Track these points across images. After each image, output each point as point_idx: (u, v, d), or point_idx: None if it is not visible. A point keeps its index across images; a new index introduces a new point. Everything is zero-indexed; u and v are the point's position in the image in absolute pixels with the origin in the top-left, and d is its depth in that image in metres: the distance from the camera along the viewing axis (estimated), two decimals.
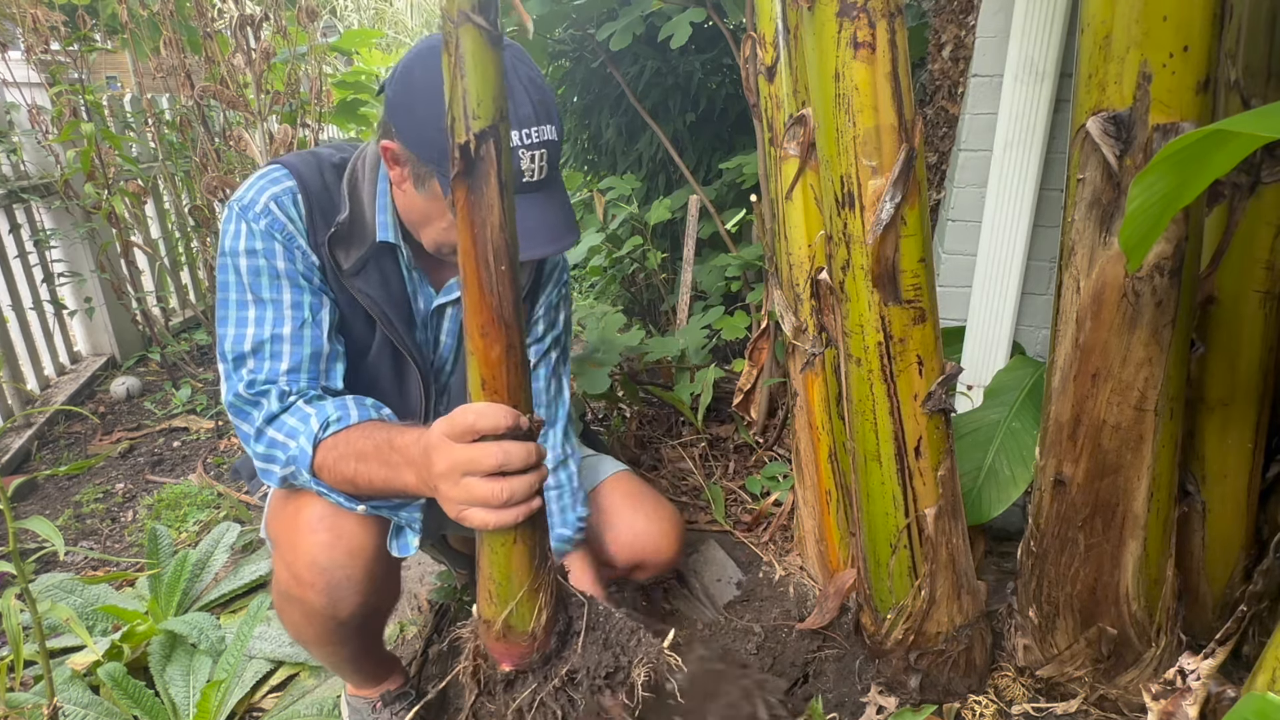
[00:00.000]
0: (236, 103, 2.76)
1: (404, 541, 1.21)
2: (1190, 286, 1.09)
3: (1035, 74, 1.70)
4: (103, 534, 2.29)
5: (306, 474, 1.10)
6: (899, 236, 1.11)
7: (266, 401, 1.13)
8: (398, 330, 1.25)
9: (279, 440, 1.12)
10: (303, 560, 1.15)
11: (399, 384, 1.31)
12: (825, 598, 1.63)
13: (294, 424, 1.11)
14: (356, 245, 1.20)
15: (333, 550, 1.15)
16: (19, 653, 1.12)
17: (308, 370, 1.16)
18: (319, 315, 1.18)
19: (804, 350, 1.59)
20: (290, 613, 1.22)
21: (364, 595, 1.18)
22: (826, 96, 1.09)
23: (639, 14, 2.66)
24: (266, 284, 1.15)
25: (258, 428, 1.13)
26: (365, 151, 1.25)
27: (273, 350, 1.14)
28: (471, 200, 0.75)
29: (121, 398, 3.18)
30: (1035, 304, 1.93)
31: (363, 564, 1.17)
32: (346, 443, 1.08)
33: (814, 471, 1.69)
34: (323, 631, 1.22)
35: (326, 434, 1.10)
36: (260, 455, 1.14)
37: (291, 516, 1.18)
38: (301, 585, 1.16)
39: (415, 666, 1.62)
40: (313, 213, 1.18)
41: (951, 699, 1.40)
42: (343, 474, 1.08)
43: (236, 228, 1.15)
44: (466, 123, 0.72)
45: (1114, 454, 1.17)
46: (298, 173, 1.18)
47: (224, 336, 1.16)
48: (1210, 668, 1.20)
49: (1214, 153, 0.73)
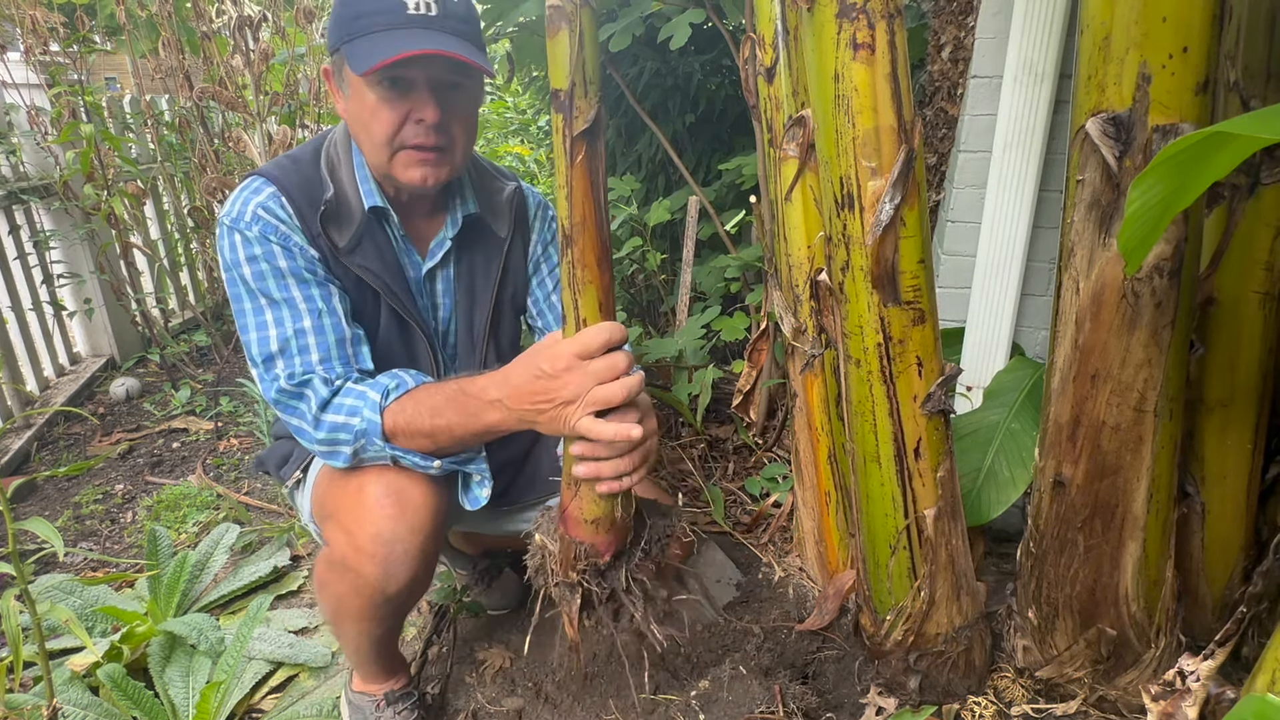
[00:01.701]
0: (235, 104, 2.76)
1: (474, 495, 1.27)
2: (1190, 287, 1.09)
3: (1034, 75, 1.70)
4: (102, 535, 2.28)
5: (380, 441, 1.14)
6: (898, 237, 1.11)
7: (312, 391, 1.17)
8: (400, 299, 1.28)
9: (340, 422, 1.15)
10: (367, 531, 1.17)
11: (409, 355, 1.33)
12: (825, 599, 1.63)
13: (352, 403, 1.16)
14: (348, 221, 1.23)
15: (397, 523, 1.17)
16: (18, 654, 1.12)
17: (338, 357, 1.19)
18: (332, 304, 1.20)
19: (803, 351, 1.59)
20: (338, 585, 1.23)
21: (414, 571, 1.20)
22: (826, 98, 1.09)
23: (638, 15, 2.66)
24: (274, 285, 1.18)
25: (314, 416, 1.16)
26: (335, 131, 1.29)
27: (299, 345, 1.17)
28: (590, 151, 0.97)
29: (121, 399, 3.18)
30: (1034, 305, 1.93)
31: (421, 540, 1.19)
32: (415, 402, 1.14)
33: (813, 472, 1.69)
34: (368, 605, 1.23)
35: (390, 400, 1.14)
36: (323, 441, 1.17)
37: (355, 491, 1.20)
38: (361, 555, 1.17)
39: (415, 667, 1.62)
40: (300, 208, 1.20)
41: (951, 700, 1.40)
42: (420, 430, 1.13)
43: (231, 241, 1.18)
44: (586, 88, 0.95)
45: (1113, 455, 1.17)
46: (273, 177, 1.21)
47: (249, 343, 1.19)
48: (1210, 669, 1.20)
49: (1214, 155, 0.73)
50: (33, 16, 2.94)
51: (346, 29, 1.13)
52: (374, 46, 1.09)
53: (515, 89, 5.46)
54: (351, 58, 1.11)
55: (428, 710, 1.51)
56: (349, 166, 1.25)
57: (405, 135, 1.16)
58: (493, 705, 1.54)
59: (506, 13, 2.65)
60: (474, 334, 1.38)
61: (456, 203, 1.33)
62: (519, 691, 1.58)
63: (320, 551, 1.28)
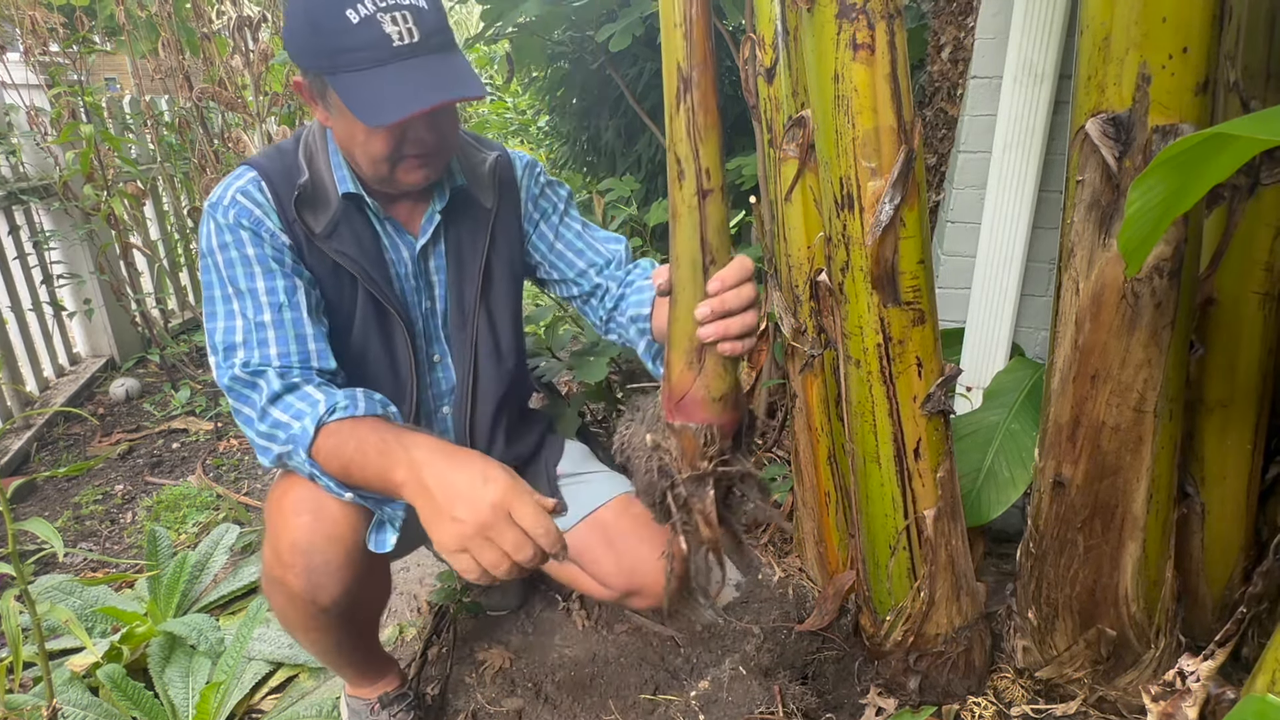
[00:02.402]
0: (235, 104, 2.76)
1: (382, 538, 1.21)
2: (1189, 288, 1.09)
3: (1034, 76, 1.70)
4: (102, 535, 2.28)
5: (303, 454, 1.11)
6: (898, 238, 1.11)
7: (265, 382, 1.15)
8: (379, 285, 1.27)
9: (283, 420, 1.14)
10: (285, 541, 1.16)
11: (386, 343, 1.32)
12: (824, 599, 1.63)
13: (300, 407, 1.14)
14: (323, 207, 1.24)
15: (313, 533, 1.16)
16: (18, 654, 1.12)
17: (297, 353, 1.18)
18: (294, 298, 1.19)
19: (803, 352, 1.59)
20: (275, 596, 1.23)
21: (344, 584, 1.19)
22: (826, 98, 1.09)
23: (638, 15, 2.66)
24: (241, 274, 1.18)
25: (261, 408, 1.15)
26: (314, 122, 1.30)
27: (259, 338, 1.17)
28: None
29: (120, 399, 3.18)
30: (1034, 305, 1.93)
31: (343, 550, 1.17)
32: (351, 430, 1.10)
33: (813, 473, 1.69)
34: (305, 617, 1.23)
35: (331, 418, 1.12)
36: (262, 434, 1.15)
37: (279, 498, 1.19)
38: (283, 566, 1.17)
39: (415, 668, 1.62)
40: (279, 193, 1.21)
41: (950, 700, 1.40)
42: (339, 458, 1.10)
43: (208, 228, 1.20)
44: None
45: (1113, 455, 1.17)
46: (258, 164, 1.23)
47: (212, 330, 1.19)
48: (1210, 669, 1.20)
49: (1214, 156, 0.73)
50: (32, 17, 2.94)
51: (329, 60, 1.10)
52: (371, 90, 1.08)
53: (515, 89, 5.45)
54: (347, 97, 1.10)
55: (427, 711, 1.51)
56: (325, 154, 1.25)
57: (405, 150, 1.17)
58: (492, 706, 1.54)
59: (506, 13, 2.65)
60: (464, 307, 1.37)
61: (444, 178, 1.32)
62: (519, 692, 1.58)
63: None
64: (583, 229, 1.48)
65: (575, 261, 1.45)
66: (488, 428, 1.42)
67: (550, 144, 4.48)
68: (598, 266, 1.44)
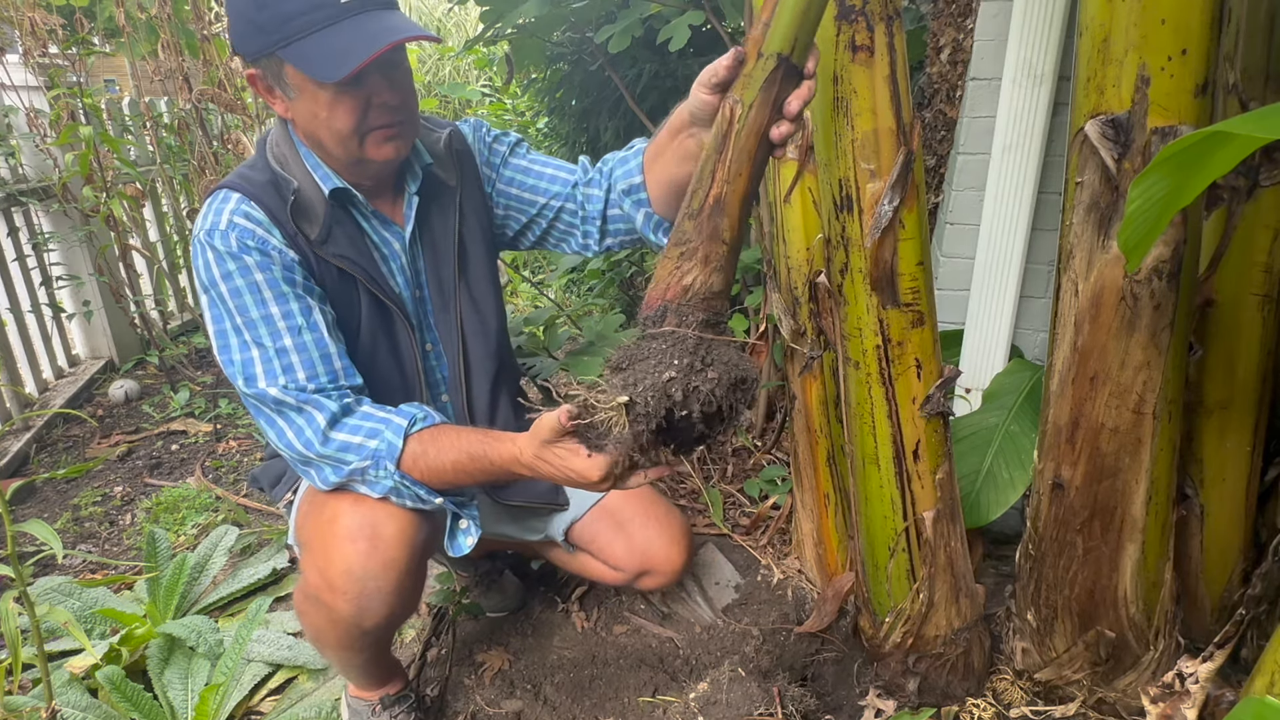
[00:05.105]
0: (234, 106, 2.76)
1: (459, 543, 1.26)
2: (1188, 290, 1.09)
3: (1033, 77, 1.71)
4: (101, 537, 2.28)
5: (390, 466, 1.13)
6: (897, 240, 1.11)
7: (317, 407, 1.15)
8: (377, 282, 1.27)
9: (354, 442, 1.15)
10: (337, 567, 1.16)
11: (391, 342, 1.32)
12: (823, 601, 1.63)
13: (372, 425, 1.16)
14: (313, 213, 1.22)
15: (369, 560, 1.16)
16: (17, 656, 1.12)
17: (325, 373, 1.18)
18: (311, 319, 1.18)
19: (802, 353, 1.59)
20: (314, 616, 1.23)
21: (391, 607, 1.20)
22: (825, 99, 1.09)
23: (637, 17, 2.66)
24: (252, 303, 1.15)
25: (324, 431, 1.15)
26: (271, 133, 1.26)
27: (283, 364, 1.15)
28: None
29: (120, 401, 3.17)
30: (1034, 307, 1.93)
31: (395, 577, 1.18)
32: (438, 436, 1.15)
33: (812, 474, 1.69)
34: (345, 638, 1.24)
35: (415, 429, 1.15)
36: (327, 457, 1.15)
37: (328, 523, 1.19)
38: (334, 592, 1.17)
39: (414, 669, 1.61)
40: (271, 208, 1.19)
41: (950, 702, 1.40)
42: (442, 463, 1.14)
43: (205, 259, 1.16)
44: None
45: (1112, 457, 1.17)
46: (236, 185, 1.20)
47: (231, 363, 1.17)
48: (1209, 671, 1.20)
49: (1213, 154, 0.73)
50: (32, 19, 2.94)
51: (279, 32, 1.09)
52: (325, 48, 1.07)
53: (514, 90, 5.45)
54: (303, 62, 1.09)
55: (426, 712, 1.51)
56: (297, 160, 1.23)
57: (371, 120, 1.15)
58: (492, 707, 1.54)
59: (506, 14, 2.65)
60: (444, 290, 1.35)
61: (413, 159, 1.31)
62: (518, 693, 1.58)
63: (299, 579, 1.28)
64: (531, 163, 1.41)
65: (536, 197, 1.39)
66: (486, 408, 1.42)
67: (549, 145, 4.48)
68: (562, 194, 1.37)
